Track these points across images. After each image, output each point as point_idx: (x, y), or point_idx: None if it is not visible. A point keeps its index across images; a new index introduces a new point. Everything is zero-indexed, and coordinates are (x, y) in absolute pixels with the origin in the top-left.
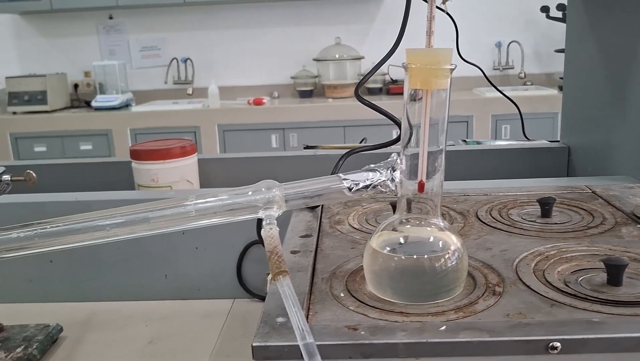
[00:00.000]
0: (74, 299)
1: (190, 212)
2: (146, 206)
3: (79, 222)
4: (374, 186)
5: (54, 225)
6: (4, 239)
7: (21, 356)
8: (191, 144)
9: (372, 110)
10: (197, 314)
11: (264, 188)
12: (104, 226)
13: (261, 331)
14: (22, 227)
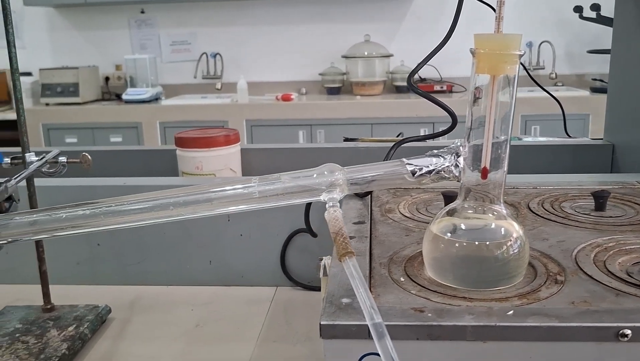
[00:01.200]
0: (119, 282)
1: (254, 193)
2: (210, 187)
3: (143, 200)
4: (437, 171)
5: (119, 203)
6: (71, 216)
7: (73, 334)
8: (235, 133)
9: (426, 98)
10: (241, 300)
11: (327, 172)
12: (167, 205)
13: (328, 311)
14: (86, 205)
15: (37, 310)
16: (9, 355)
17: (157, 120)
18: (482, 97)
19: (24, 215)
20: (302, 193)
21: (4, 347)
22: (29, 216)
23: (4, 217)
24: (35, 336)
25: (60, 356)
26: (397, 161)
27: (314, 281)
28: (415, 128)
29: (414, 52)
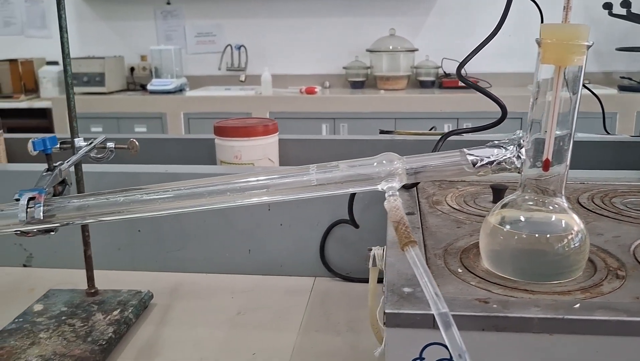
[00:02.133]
0: (159, 268)
1: (312, 181)
2: (268, 173)
3: (200, 186)
4: (499, 163)
5: (175, 188)
6: (128, 200)
7: (118, 318)
8: (274, 123)
9: (475, 89)
10: (280, 289)
11: (385, 161)
12: (224, 191)
13: (391, 300)
14: (141, 190)
15: (81, 293)
16: (56, 337)
17: (182, 111)
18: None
19: (80, 198)
20: (360, 181)
21: (51, 329)
22: (86, 199)
23: (61, 199)
24: (81, 319)
25: (107, 339)
26: (456, 151)
27: (352, 272)
28: (439, 123)
29: (439, 47)
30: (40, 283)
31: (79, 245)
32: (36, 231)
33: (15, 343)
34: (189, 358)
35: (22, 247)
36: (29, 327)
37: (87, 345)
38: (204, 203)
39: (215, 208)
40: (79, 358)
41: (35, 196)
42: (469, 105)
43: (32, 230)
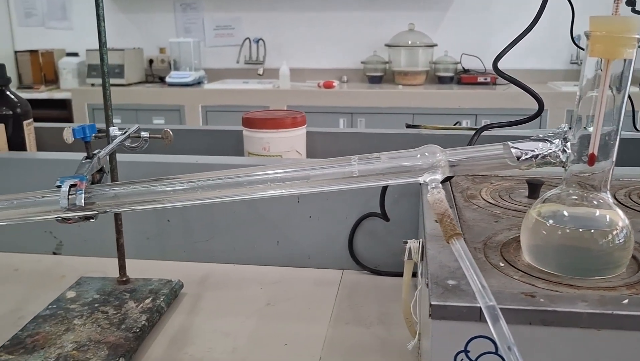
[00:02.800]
0: (187, 259)
1: (354, 172)
2: (309, 164)
3: (240, 176)
4: (543, 156)
5: (216, 178)
6: (169, 189)
7: (151, 307)
8: (302, 116)
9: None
10: (308, 281)
11: (427, 153)
12: (265, 180)
13: (436, 292)
14: (183, 179)
15: (112, 281)
16: (90, 324)
17: (200, 104)
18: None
19: (120, 186)
20: (401, 173)
21: (85, 316)
22: (126, 187)
23: (100, 187)
24: (114, 307)
25: (140, 327)
26: (499, 144)
27: (380, 265)
28: (458, 119)
29: (458, 43)
30: (70, 270)
31: (109, 233)
32: (77, 218)
33: (50, 329)
34: (222, 348)
35: (52, 235)
36: (62, 313)
37: (121, 332)
38: (244, 192)
39: (256, 197)
40: (114, 345)
41: (77, 183)
42: (488, 101)
43: (74, 216)
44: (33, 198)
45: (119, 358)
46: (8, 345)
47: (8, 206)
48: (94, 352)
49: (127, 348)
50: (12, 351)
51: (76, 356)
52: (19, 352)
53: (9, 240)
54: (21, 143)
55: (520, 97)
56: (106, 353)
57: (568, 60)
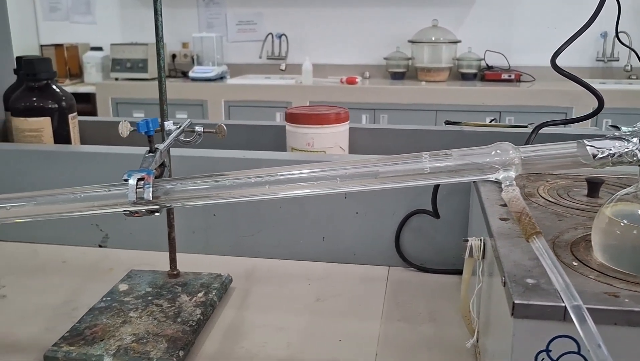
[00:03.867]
0: (232, 253)
1: (425, 169)
2: (378, 160)
3: (306, 171)
4: (620, 155)
5: (285, 173)
6: (236, 184)
7: (204, 301)
8: (345, 112)
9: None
10: (355, 278)
11: (500, 150)
12: (334, 177)
13: (517, 291)
14: (248, 174)
15: (162, 275)
16: (146, 317)
17: (222, 99)
18: None
19: (186, 181)
20: (472, 170)
21: (140, 309)
22: (191, 182)
23: (163, 181)
24: (167, 300)
25: (196, 320)
26: (573, 142)
27: (427, 263)
28: (481, 117)
29: (482, 39)
30: (117, 263)
31: (155, 227)
32: (144, 211)
33: (108, 321)
34: (276, 343)
35: (99, 228)
36: (117, 306)
37: (178, 325)
38: (312, 188)
39: (325, 193)
40: (172, 338)
41: (144, 177)
42: (512, 98)
43: (141, 210)
44: (99, 191)
45: (178, 351)
46: (68, 337)
47: (74, 199)
48: (154, 345)
49: (186, 341)
50: (73, 342)
51: (136, 348)
52: (79, 343)
53: (56, 233)
54: (66, 137)
55: (544, 94)
56: (165, 345)
57: (594, 57)
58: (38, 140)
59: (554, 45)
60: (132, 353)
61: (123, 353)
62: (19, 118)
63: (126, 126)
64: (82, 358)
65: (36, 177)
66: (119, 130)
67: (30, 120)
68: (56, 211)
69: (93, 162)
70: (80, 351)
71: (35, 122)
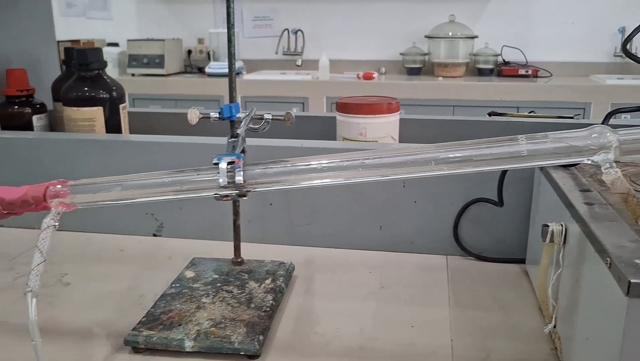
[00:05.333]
0: (287, 242)
1: (522, 152)
2: (473, 144)
3: (397, 155)
4: None
5: (375, 157)
6: (332, 166)
7: (273, 287)
8: (396, 102)
9: None
10: (415, 266)
11: (596, 133)
12: (428, 160)
13: (629, 271)
14: (334, 158)
15: (226, 262)
16: (219, 303)
17: (239, 94)
18: None
19: (275, 165)
20: (569, 154)
21: (211, 295)
22: (282, 165)
23: (251, 165)
24: (236, 286)
25: (269, 306)
26: None
27: (485, 251)
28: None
29: (499, 35)
30: (174, 252)
31: (210, 216)
32: (235, 195)
33: (182, 307)
34: (349, 329)
35: (154, 217)
36: (188, 292)
37: (252, 310)
38: (402, 173)
39: (415, 177)
40: (249, 323)
41: (235, 160)
42: (529, 94)
43: (232, 194)
44: (188, 175)
45: (258, 335)
46: (145, 322)
47: (162, 183)
48: (233, 329)
49: (263, 326)
50: (152, 327)
51: (216, 333)
52: (158, 328)
53: (111, 222)
54: (117, 126)
55: (561, 90)
56: (244, 330)
57: (611, 53)
58: (90, 130)
59: (571, 41)
60: (213, 338)
61: (203, 337)
62: (71, 108)
63: (195, 113)
64: (163, 342)
65: (90, 167)
66: (188, 117)
67: (83, 109)
68: (143, 195)
69: (148, 152)
70: (160, 336)
71: (88, 112)
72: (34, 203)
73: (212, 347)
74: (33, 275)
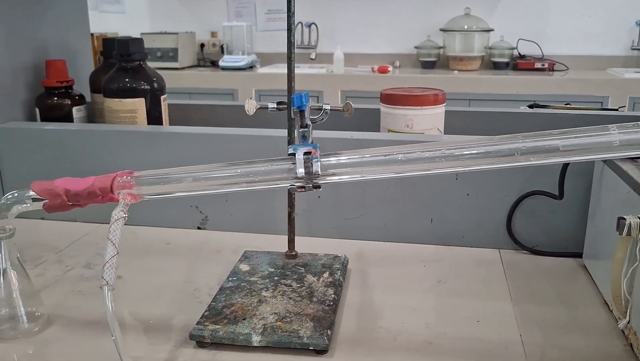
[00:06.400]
0: (335, 236)
1: (613, 142)
2: (559, 133)
3: (485, 145)
4: None
5: (455, 147)
6: (412, 157)
7: (332, 281)
8: (443, 93)
9: None
10: (468, 260)
11: None
12: (512, 150)
13: None
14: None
15: (279, 255)
16: (280, 296)
17: (253, 88)
18: None
19: (352, 155)
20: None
21: (270, 288)
22: (360, 156)
23: (324, 156)
24: (294, 280)
25: (332, 300)
26: None
27: (538, 245)
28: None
29: (515, 27)
30: (221, 245)
31: (257, 209)
32: (311, 186)
33: (243, 300)
34: (414, 323)
35: (198, 210)
36: (247, 286)
37: (315, 305)
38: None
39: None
40: (316, 318)
41: (311, 151)
42: (545, 87)
43: (309, 185)
44: (262, 165)
45: (326, 330)
46: (208, 316)
47: (234, 174)
48: (299, 323)
49: (330, 320)
50: (216, 321)
51: (283, 327)
52: (223, 322)
53: (155, 215)
54: (158, 118)
55: (578, 83)
56: (311, 324)
57: (628, 46)
58: (132, 121)
59: (587, 34)
60: (280, 332)
61: (270, 331)
62: (113, 100)
63: (252, 104)
64: (230, 336)
65: (134, 158)
66: (245, 108)
67: (124, 101)
68: (214, 186)
69: (191, 144)
70: (227, 330)
71: (130, 103)
72: (101, 195)
73: (280, 342)
74: (108, 268)
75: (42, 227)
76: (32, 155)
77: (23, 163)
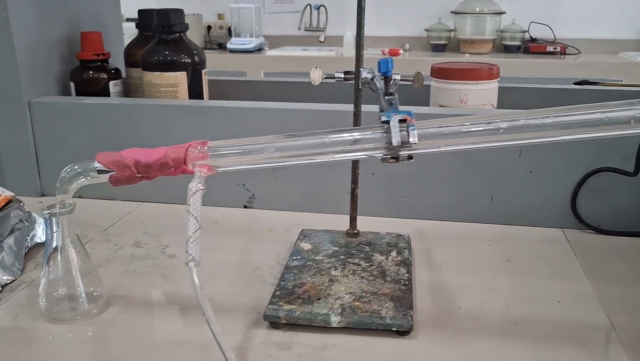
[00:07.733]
0: (389, 214)
1: None
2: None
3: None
4: None
5: (541, 115)
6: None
7: (401, 260)
8: (497, 68)
9: None
10: (533, 239)
11: None
12: (597, 122)
13: None
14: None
15: (340, 234)
16: (352, 276)
17: (262, 70)
18: None
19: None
20: None
21: (339, 268)
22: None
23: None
24: (362, 259)
25: (406, 279)
26: None
27: (604, 224)
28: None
29: (527, 11)
30: (272, 224)
31: (308, 186)
32: (405, 156)
33: (313, 280)
34: (492, 303)
35: (245, 188)
36: (314, 265)
37: (391, 284)
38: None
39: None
40: (394, 297)
41: (406, 118)
42: (557, 71)
43: (403, 155)
44: (350, 134)
45: (407, 310)
46: (281, 295)
47: (321, 143)
48: (379, 303)
49: (409, 300)
50: (290, 301)
51: (362, 307)
52: (297, 302)
53: None
54: (199, 92)
55: (590, 67)
56: (392, 304)
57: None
58: (173, 96)
59: (600, 17)
60: (361, 313)
61: (350, 312)
62: (153, 73)
63: (318, 74)
64: (307, 317)
65: (181, 132)
66: (311, 77)
67: (166, 74)
68: (298, 157)
69: (235, 118)
70: (303, 310)
71: (172, 77)
72: (174, 166)
73: (360, 322)
74: (192, 243)
75: (81, 206)
76: (68, 130)
77: (59, 139)
